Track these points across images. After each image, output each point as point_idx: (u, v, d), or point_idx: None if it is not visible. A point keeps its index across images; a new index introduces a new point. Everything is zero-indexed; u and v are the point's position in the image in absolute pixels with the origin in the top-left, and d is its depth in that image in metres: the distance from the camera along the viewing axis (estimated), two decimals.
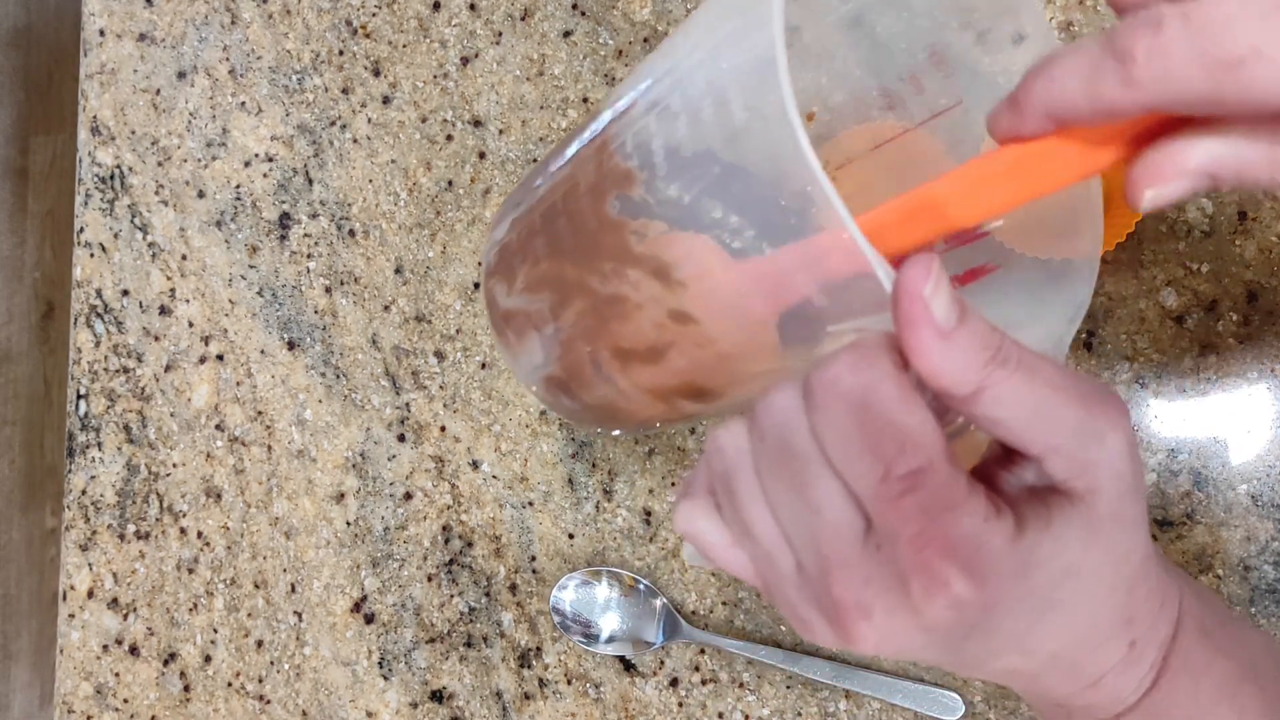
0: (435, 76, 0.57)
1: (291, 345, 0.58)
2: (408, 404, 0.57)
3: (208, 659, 0.59)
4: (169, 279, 0.60)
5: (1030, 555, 0.23)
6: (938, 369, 0.23)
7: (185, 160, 0.61)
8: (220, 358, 0.59)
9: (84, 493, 0.61)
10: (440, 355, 0.56)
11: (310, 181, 0.59)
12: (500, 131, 0.56)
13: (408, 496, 0.56)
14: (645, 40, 0.54)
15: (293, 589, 0.58)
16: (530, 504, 0.55)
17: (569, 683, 0.54)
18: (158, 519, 0.60)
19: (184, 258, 0.60)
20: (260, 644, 0.58)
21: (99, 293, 0.62)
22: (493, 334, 0.37)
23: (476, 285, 0.56)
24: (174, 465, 0.60)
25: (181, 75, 0.61)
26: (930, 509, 0.22)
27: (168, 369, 0.60)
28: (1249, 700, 0.26)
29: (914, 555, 0.22)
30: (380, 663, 0.56)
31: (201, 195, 0.60)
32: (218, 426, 0.59)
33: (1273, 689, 0.28)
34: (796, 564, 0.24)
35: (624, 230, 0.30)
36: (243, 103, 0.60)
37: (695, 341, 0.30)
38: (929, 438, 0.22)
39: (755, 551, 0.25)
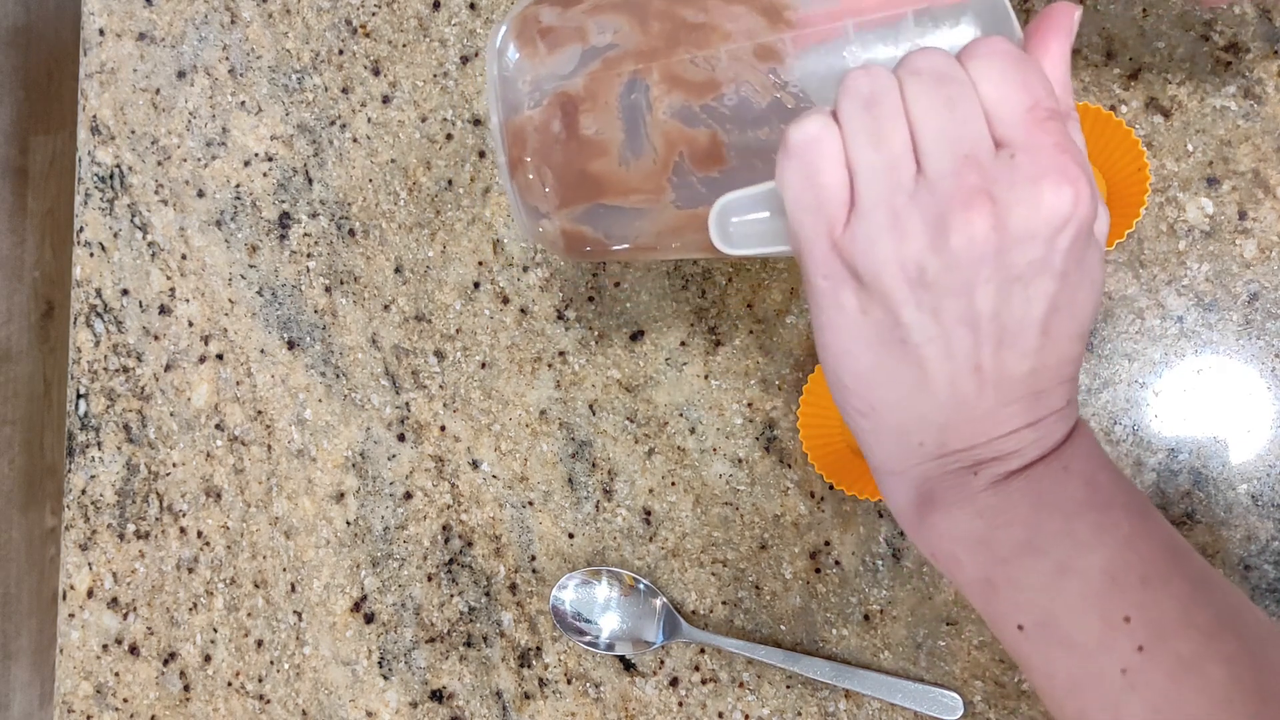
0: (435, 76, 0.57)
1: (291, 345, 0.58)
2: (408, 403, 0.56)
3: (207, 658, 0.59)
4: (169, 278, 0.60)
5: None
6: (1062, 74, 0.30)
7: (185, 160, 0.60)
8: (220, 357, 0.59)
9: (84, 492, 0.61)
10: (440, 355, 0.56)
11: (310, 181, 0.59)
12: None
13: (408, 496, 0.56)
14: None
15: (293, 589, 0.58)
16: (530, 503, 0.55)
17: (569, 682, 0.54)
18: (157, 518, 0.60)
19: (184, 257, 0.60)
20: (260, 644, 0.58)
21: (99, 292, 0.62)
22: (511, 47, 0.36)
23: (476, 285, 0.56)
24: (174, 465, 0.60)
25: (181, 74, 0.61)
26: (1066, 134, 0.28)
27: (167, 368, 0.60)
28: (1117, 472, 0.31)
29: (1056, 156, 0.27)
30: (380, 662, 0.56)
31: (201, 195, 0.60)
32: (218, 426, 0.59)
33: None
34: (916, 172, 0.28)
35: None
36: (242, 102, 0.60)
37: (761, 83, 0.33)
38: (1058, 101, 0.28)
39: (876, 161, 0.28)
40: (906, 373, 0.29)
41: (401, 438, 0.57)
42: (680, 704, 0.52)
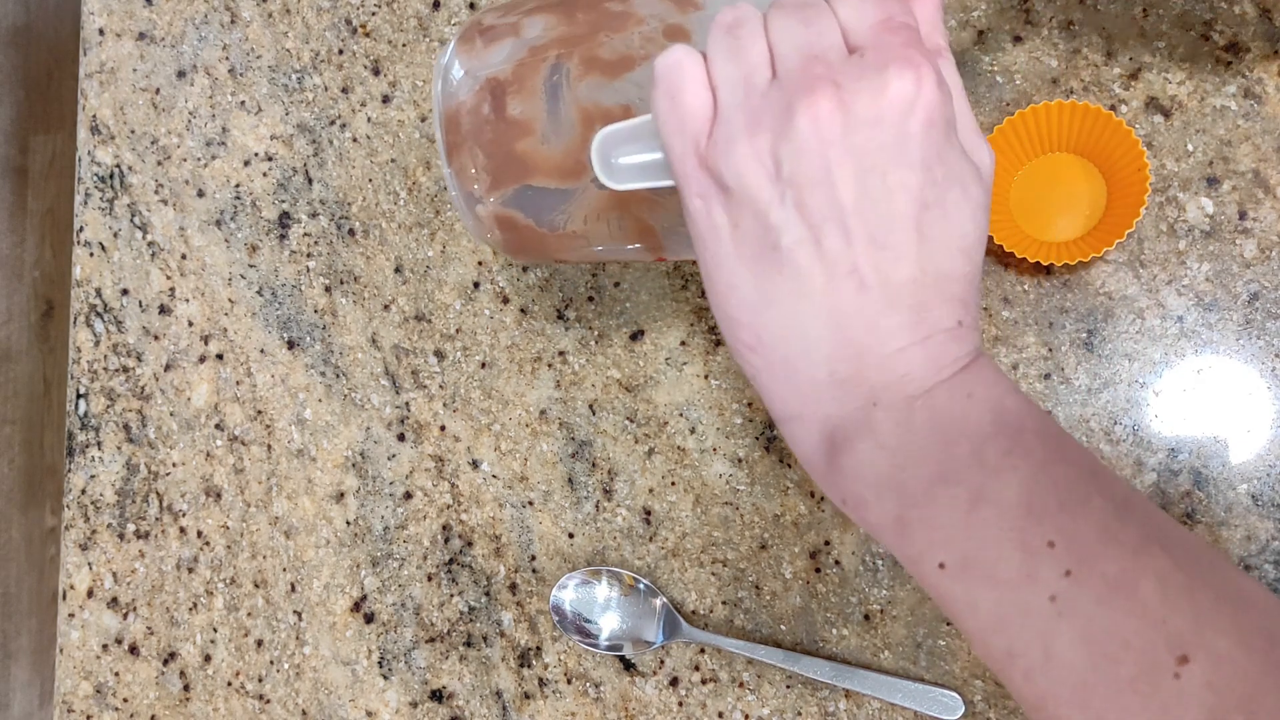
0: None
1: (291, 344, 0.58)
2: (407, 403, 0.56)
3: (207, 658, 0.59)
4: (168, 278, 0.60)
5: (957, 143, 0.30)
6: (932, 14, 0.31)
7: (185, 159, 0.60)
8: (220, 357, 0.59)
9: (84, 492, 0.61)
10: (440, 354, 0.56)
11: (310, 180, 0.59)
12: None
13: (407, 496, 0.56)
14: None
15: (292, 588, 0.58)
16: (530, 503, 0.55)
17: (569, 682, 0.54)
18: (157, 518, 0.60)
19: (184, 257, 0.60)
20: (260, 643, 0.58)
21: (99, 292, 0.62)
22: (456, 47, 0.39)
23: (476, 284, 0.56)
24: (174, 465, 0.60)
25: (181, 74, 0.61)
26: (917, 39, 0.29)
27: (167, 368, 0.60)
28: (1026, 399, 0.31)
29: (902, 49, 0.28)
30: (380, 662, 0.56)
31: (201, 194, 0.60)
32: (217, 426, 0.59)
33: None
34: (770, 78, 0.29)
35: None
36: (242, 102, 0.60)
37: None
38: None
39: (734, 73, 0.30)
40: (786, 286, 0.30)
41: (401, 437, 0.57)
42: (680, 704, 0.52)
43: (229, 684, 0.59)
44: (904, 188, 0.29)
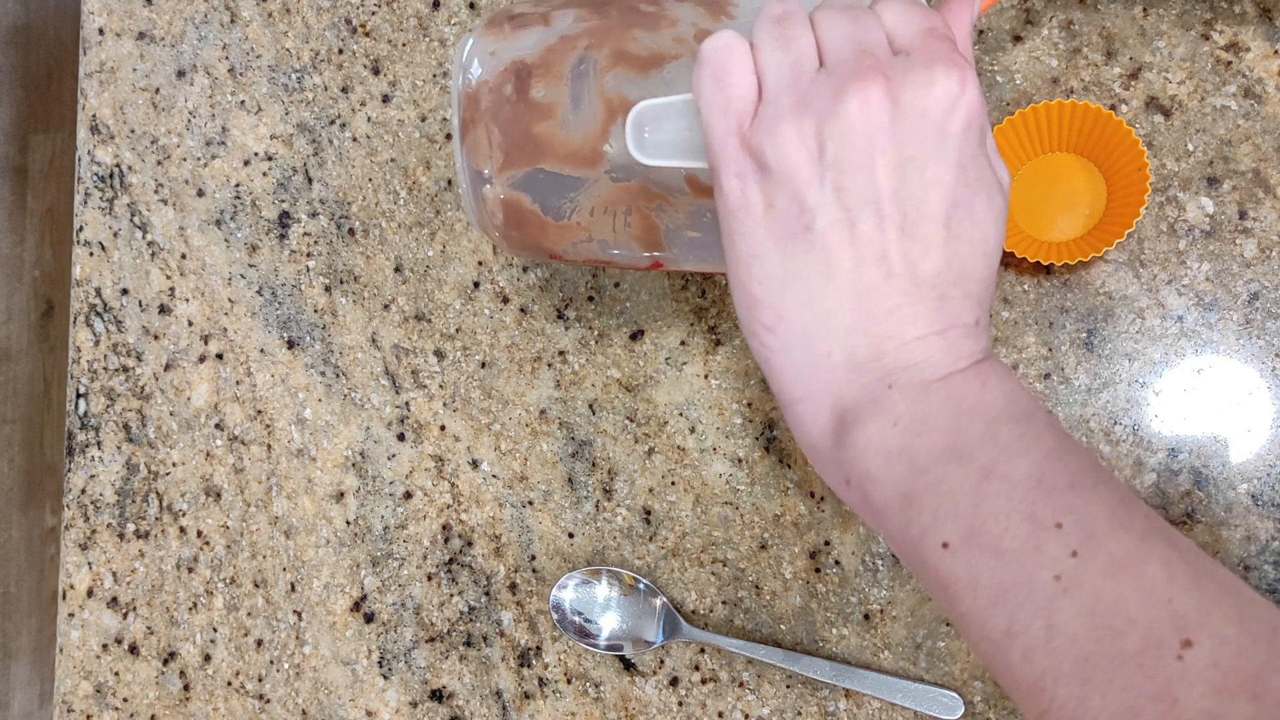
0: (435, 75, 0.57)
1: (291, 344, 0.58)
2: (407, 403, 0.56)
3: (207, 658, 0.59)
4: (168, 278, 0.60)
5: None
6: (966, 32, 0.33)
7: (185, 159, 0.60)
8: (220, 357, 0.59)
9: (83, 491, 0.61)
10: (440, 354, 0.56)
11: (310, 180, 0.58)
12: None
13: (407, 495, 0.56)
14: None
15: (292, 588, 0.58)
16: (530, 503, 0.55)
17: (569, 682, 0.54)
18: (157, 518, 0.60)
19: (183, 256, 0.60)
20: (260, 643, 0.58)
21: (98, 291, 0.62)
22: (482, 29, 0.39)
23: (476, 284, 0.56)
24: (173, 464, 0.60)
25: (181, 74, 0.61)
26: (957, 49, 0.31)
27: (167, 368, 0.60)
28: (1036, 397, 0.31)
29: (948, 52, 0.30)
30: (380, 662, 0.56)
31: (201, 194, 0.60)
32: (217, 425, 0.59)
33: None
34: (818, 67, 0.31)
35: None
36: (242, 101, 0.60)
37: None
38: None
39: (782, 59, 0.31)
40: (813, 265, 0.30)
41: (401, 437, 0.57)
42: (680, 704, 0.52)
43: (229, 684, 0.59)
44: (940, 183, 0.30)
